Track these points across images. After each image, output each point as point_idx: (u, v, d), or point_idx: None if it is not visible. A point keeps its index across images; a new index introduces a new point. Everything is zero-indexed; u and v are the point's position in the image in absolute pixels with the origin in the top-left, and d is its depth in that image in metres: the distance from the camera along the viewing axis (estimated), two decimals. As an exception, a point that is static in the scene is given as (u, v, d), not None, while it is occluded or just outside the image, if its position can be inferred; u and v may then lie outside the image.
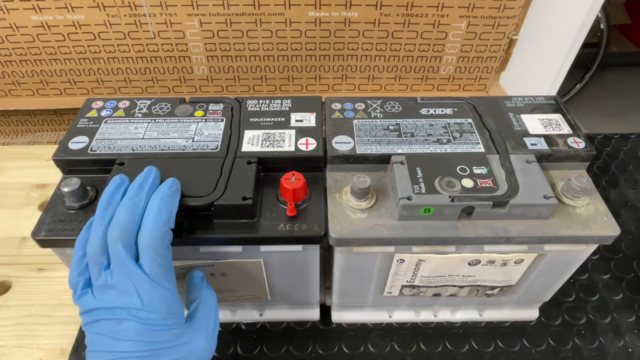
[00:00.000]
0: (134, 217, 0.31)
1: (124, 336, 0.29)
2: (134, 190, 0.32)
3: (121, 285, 0.29)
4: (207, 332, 0.33)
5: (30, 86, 0.87)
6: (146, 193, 0.32)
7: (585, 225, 0.35)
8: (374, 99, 0.44)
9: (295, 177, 0.35)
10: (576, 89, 1.72)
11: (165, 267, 0.30)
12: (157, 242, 0.30)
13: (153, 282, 0.29)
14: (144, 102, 0.43)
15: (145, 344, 0.29)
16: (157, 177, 0.34)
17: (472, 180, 0.35)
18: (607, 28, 1.61)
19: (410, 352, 0.46)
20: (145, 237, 0.30)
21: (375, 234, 0.35)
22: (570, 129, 0.41)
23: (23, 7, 0.74)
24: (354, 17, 0.77)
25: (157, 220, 0.31)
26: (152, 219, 0.31)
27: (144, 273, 0.29)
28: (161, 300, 0.30)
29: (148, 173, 0.33)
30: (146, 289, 0.29)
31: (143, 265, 0.30)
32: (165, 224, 0.31)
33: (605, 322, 0.49)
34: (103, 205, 0.32)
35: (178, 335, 0.31)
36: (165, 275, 0.30)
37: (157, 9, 0.75)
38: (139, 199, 0.31)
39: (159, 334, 0.30)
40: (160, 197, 0.32)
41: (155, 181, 0.33)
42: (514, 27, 0.81)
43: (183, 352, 0.31)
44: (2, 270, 0.52)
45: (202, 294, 0.35)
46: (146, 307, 0.29)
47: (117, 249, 0.30)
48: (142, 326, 0.29)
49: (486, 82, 0.89)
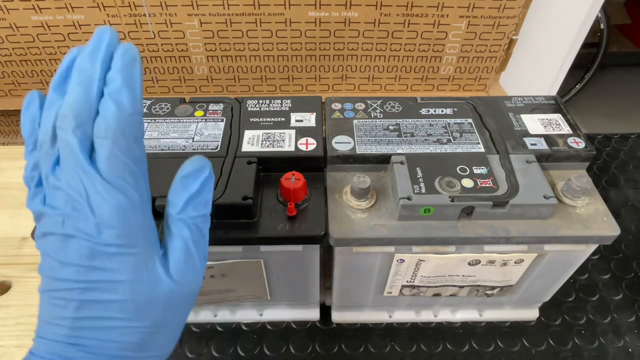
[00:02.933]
0: (89, 95, 0.23)
1: (68, 259, 0.23)
2: (84, 61, 0.23)
3: (69, 187, 0.23)
4: (188, 270, 0.25)
5: (30, 86, 0.87)
6: (100, 62, 0.23)
7: (585, 225, 0.35)
8: (374, 99, 0.44)
9: (295, 177, 0.35)
10: (576, 89, 1.72)
11: (128, 164, 0.23)
12: (116, 130, 0.22)
13: (107, 184, 0.22)
14: (144, 102, 0.43)
15: (93, 272, 0.23)
16: (112, 40, 0.24)
17: (472, 180, 0.35)
18: (607, 28, 1.61)
19: (410, 352, 0.46)
20: (101, 124, 0.22)
21: (375, 234, 0.35)
22: (570, 129, 0.41)
23: (23, 7, 0.74)
24: (354, 17, 0.77)
25: (116, 100, 0.22)
26: (110, 101, 0.23)
27: (97, 171, 0.22)
28: (116, 209, 0.22)
29: (100, 35, 0.24)
30: (97, 192, 0.22)
31: (97, 161, 0.22)
32: (129, 105, 0.23)
33: (605, 322, 0.49)
34: (56, 82, 0.24)
35: (139, 266, 0.23)
36: (127, 176, 0.23)
37: (157, 9, 0.75)
38: (91, 72, 0.23)
39: (110, 260, 0.23)
40: (120, 67, 0.23)
41: (110, 46, 0.24)
42: (514, 27, 0.81)
43: (144, 290, 0.24)
44: (2, 270, 0.52)
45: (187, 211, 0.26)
46: (96, 216, 0.22)
47: (67, 137, 0.22)
48: (90, 246, 0.23)
49: (486, 82, 0.89)
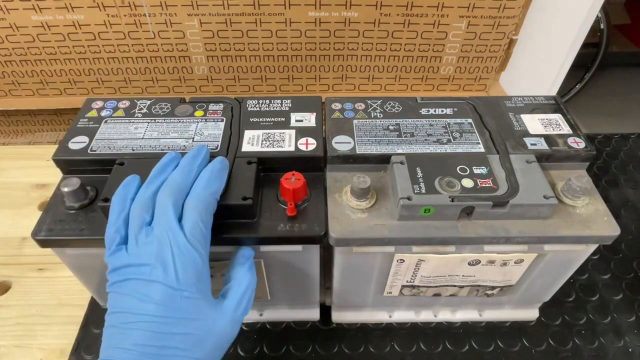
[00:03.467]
0: (186, 182, 0.33)
1: (148, 298, 0.29)
2: (187, 160, 0.34)
3: (158, 242, 0.30)
4: (233, 316, 0.32)
5: (30, 86, 0.87)
6: (198, 165, 0.34)
7: (585, 225, 0.35)
8: (374, 99, 0.44)
9: (295, 177, 0.35)
10: (576, 89, 1.72)
11: (204, 234, 0.31)
12: (202, 207, 0.31)
13: (189, 245, 0.30)
14: (144, 102, 0.43)
15: (168, 310, 0.29)
16: (207, 154, 0.36)
17: (472, 180, 0.35)
18: (607, 28, 1.61)
19: (410, 352, 0.46)
20: (192, 200, 0.31)
21: (375, 234, 0.35)
22: (570, 129, 0.41)
23: (23, 7, 0.74)
24: (354, 17, 0.77)
25: (206, 187, 0.32)
26: (201, 186, 0.32)
27: (183, 233, 0.30)
28: (192, 265, 0.30)
29: (200, 149, 0.36)
30: (181, 249, 0.29)
31: (184, 226, 0.30)
32: (213, 193, 0.32)
33: (605, 322, 0.49)
34: (156, 171, 0.34)
35: (200, 308, 0.30)
36: (202, 242, 0.31)
37: (157, 9, 0.75)
38: (191, 167, 0.34)
39: (183, 302, 0.29)
40: (211, 169, 0.34)
41: (206, 157, 0.35)
42: (514, 27, 0.81)
43: (202, 328, 0.30)
44: (2, 270, 0.52)
45: (241, 275, 0.34)
46: (177, 268, 0.29)
47: (165, 204, 0.31)
48: (169, 290, 0.29)
49: (486, 82, 0.89)
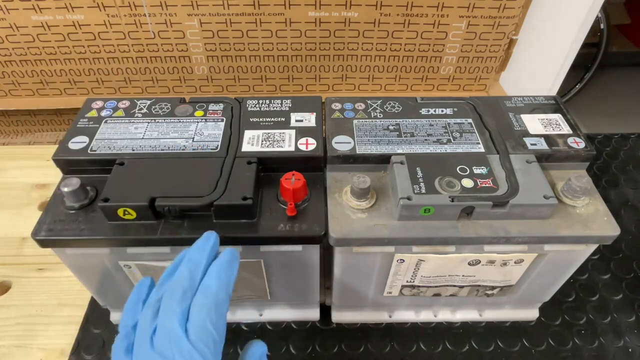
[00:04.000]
0: (193, 277, 0.29)
1: None
2: (194, 252, 0.31)
3: (161, 351, 0.27)
4: None
5: (30, 86, 0.87)
6: (207, 255, 0.30)
7: (585, 225, 0.35)
8: (374, 99, 0.44)
9: (295, 177, 0.35)
10: (576, 89, 1.72)
11: (213, 336, 0.28)
12: (211, 305, 0.28)
13: (193, 349, 0.27)
14: (144, 102, 0.43)
15: None
16: (216, 241, 0.32)
17: (472, 180, 0.35)
18: (607, 28, 1.61)
19: (410, 352, 0.46)
20: (199, 298, 0.28)
21: (375, 234, 0.35)
22: (570, 129, 0.41)
23: (23, 7, 0.74)
24: (354, 17, 0.77)
25: (214, 281, 0.29)
26: (209, 280, 0.29)
27: (187, 337, 0.27)
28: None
29: (208, 237, 0.31)
30: (184, 355, 0.26)
31: (189, 329, 0.27)
32: (223, 287, 0.29)
33: (605, 322, 0.49)
34: (169, 271, 0.31)
35: None
36: (211, 345, 0.27)
37: (157, 9, 0.75)
38: (198, 261, 0.30)
39: None
40: (221, 261, 0.30)
41: (215, 245, 0.31)
42: (514, 27, 0.81)
43: None
44: (2, 270, 0.52)
45: None
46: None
47: (168, 307, 0.28)
48: None
49: (486, 82, 0.89)
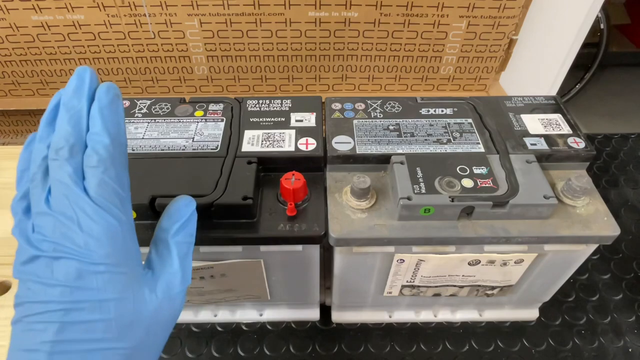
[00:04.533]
0: (79, 129, 0.25)
1: (54, 280, 0.23)
2: (70, 98, 0.25)
3: (62, 213, 0.24)
4: (172, 290, 0.26)
5: (30, 86, 0.87)
6: (86, 99, 0.26)
7: (585, 225, 0.35)
8: (374, 99, 0.44)
9: (295, 177, 0.35)
10: (576, 89, 1.72)
11: (117, 191, 0.25)
12: (107, 160, 0.24)
13: (97, 207, 0.24)
14: (144, 102, 0.43)
15: (79, 292, 0.23)
16: (93, 78, 0.26)
17: (472, 180, 0.35)
18: (607, 28, 1.61)
19: (410, 352, 0.46)
20: (92, 154, 0.24)
21: (375, 234, 0.35)
22: (570, 129, 0.41)
23: (23, 7, 0.74)
24: (354, 17, 0.77)
25: (103, 131, 0.25)
26: (97, 130, 0.25)
27: (88, 196, 0.24)
28: (106, 230, 0.24)
29: (81, 75, 0.26)
30: (88, 215, 0.23)
31: (88, 188, 0.24)
32: (114, 135, 0.25)
33: (605, 322, 0.49)
34: (46, 119, 0.26)
35: (123, 285, 0.24)
36: (116, 201, 0.24)
37: (157, 9, 0.75)
38: (79, 107, 0.25)
39: (97, 279, 0.23)
40: (101, 107, 0.25)
41: (93, 84, 0.26)
42: (514, 27, 0.81)
43: (127, 310, 0.24)
44: (2, 270, 0.52)
45: (175, 237, 0.28)
46: (85, 237, 0.23)
47: (61, 166, 0.24)
48: (78, 266, 0.23)
49: (486, 82, 0.89)
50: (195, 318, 0.48)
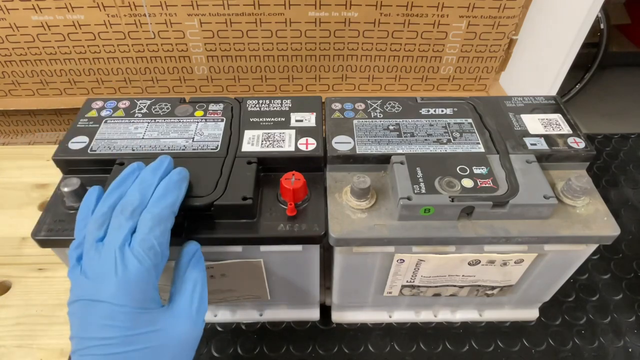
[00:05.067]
0: (143, 197, 0.31)
1: (94, 319, 0.28)
2: (147, 174, 0.33)
3: (106, 259, 0.29)
4: (189, 316, 0.31)
5: (30, 86, 0.87)
6: (159, 178, 0.33)
7: (585, 225, 0.35)
8: (374, 99, 0.44)
9: (295, 177, 0.35)
10: (576, 89, 1.72)
11: (154, 248, 0.29)
12: (155, 221, 0.30)
13: (134, 258, 0.29)
14: (144, 102, 0.43)
15: (113, 329, 0.28)
16: (170, 164, 0.34)
17: (472, 180, 0.35)
18: (607, 28, 1.61)
19: (410, 352, 0.46)
20: (145, 214, 0.30)
21: (375, 234, 0.35)
22: (570, 129, 0.41)
23: (23, 7, 0.74)
24: (354, 17, 0.77)
25: (160, 200, 0.31)
26: (156, 199, 0.31)
27: (129, 247, 0.29)
28: (137, 278, 0.28)
29: (162, 160, 0.34)
30: (125, 264, 0.28)
31: (134, 240, 0.29)
32: (168, 206, 0.31)
33: (605, 322, 0.49)
34: (116, 184, 0.32)
35: (151, 320, 0.29)
36: (151, 254, 0.29)
37: (157, 9, 0.75)
38: (150, 182, 0.32)
39: (129, 318, 0.28)
40: (168, 181, 0.32)
41: (169, 168, 0.34)
42: (514, 27, 0.81)
43: (159, 339, 0.29)
44: (2, 270, 0.52)
45: (186, 273, 0.33)
46: (119, 283, 0.28)
47: (118, 220, 0.30)
48: (111, 307, 0.28)
49: (486, 82, 0.89)
50: (195, 318, 0.48)
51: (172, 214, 0.31)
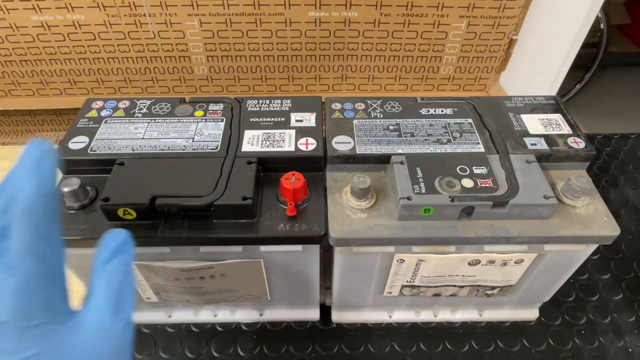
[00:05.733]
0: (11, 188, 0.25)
1: None
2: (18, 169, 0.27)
3: None
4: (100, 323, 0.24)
5: (30, 86, 0.87)
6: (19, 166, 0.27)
7: (585, 225, 0.35)
8: (374, 99, 0.44)
9: (295, 177, 0.35)
10: (576, 89, 1.72)
11: (40, 249, 0.23)
12: (30, 216, 0.24)
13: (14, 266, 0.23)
14: (144, 102, 0.43)
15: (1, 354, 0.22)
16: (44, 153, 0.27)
17: (472, 180, 0.35)
18: (607, 28, 1.61)
19: (410, 352, 0.46)
20: (16, 208, 0.24)
21: (375, 234, 0.35)
22: (570, 129, 0.41)
23: (23, 7, 0.74)
24: (354, 17, 0.77)
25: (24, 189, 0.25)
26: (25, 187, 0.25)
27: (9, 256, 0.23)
28: (17, 289, 0.22)
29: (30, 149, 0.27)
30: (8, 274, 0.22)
31: (12, 247, 0.23)
32: (44, 188, 0.25)
33: (605, 322, 0.49)
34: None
35: (46, 335, 0.23)
36: (38, 257, 0.23)
37: (157, 9, 0.75)
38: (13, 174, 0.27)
39: (14, 337, 0.22)
40: (24, 161, 0.26)
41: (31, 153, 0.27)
42: (514, 27, 0.81)
43: (61, 357, 0.23)
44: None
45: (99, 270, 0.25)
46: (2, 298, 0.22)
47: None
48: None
49: (486, 82, 0.89)
50: (195, 318, 0.48)
51: (51, 199, 0.25)
